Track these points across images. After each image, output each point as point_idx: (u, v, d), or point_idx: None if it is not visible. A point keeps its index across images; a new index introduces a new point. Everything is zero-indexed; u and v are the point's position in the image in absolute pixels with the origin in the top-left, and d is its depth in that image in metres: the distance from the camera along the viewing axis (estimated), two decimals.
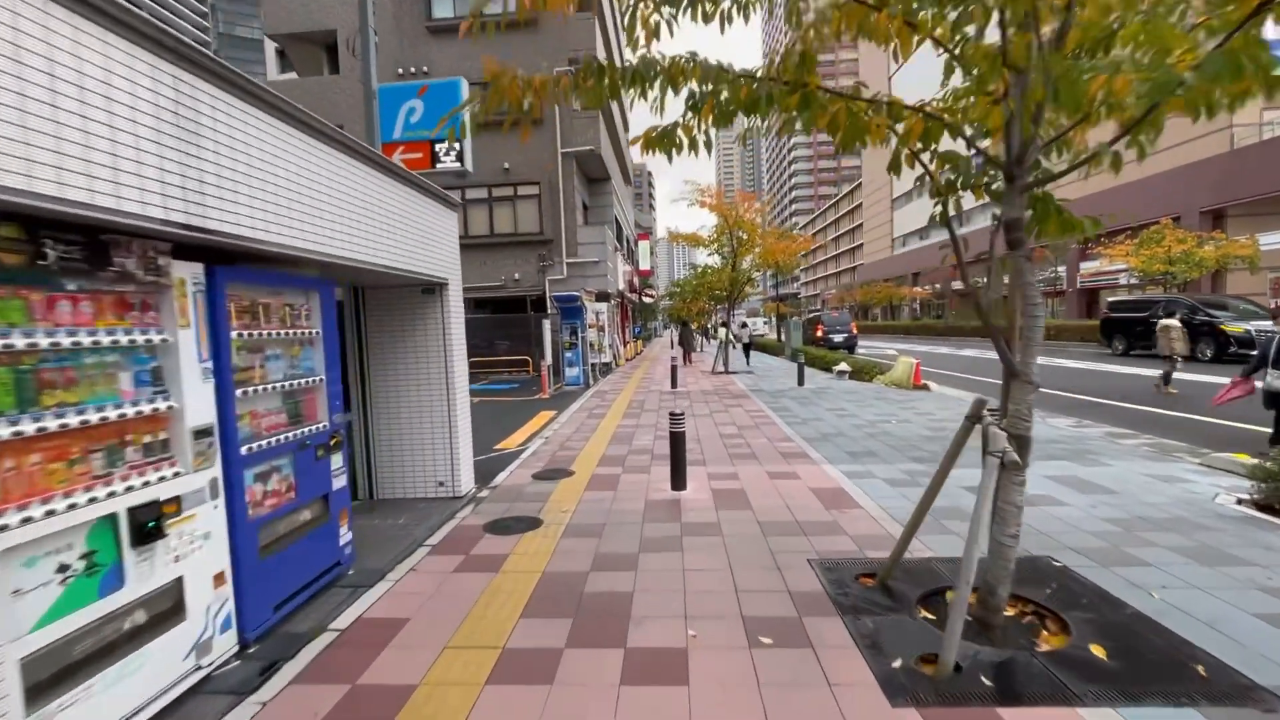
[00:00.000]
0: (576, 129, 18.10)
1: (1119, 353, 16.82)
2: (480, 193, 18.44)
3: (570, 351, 13.55)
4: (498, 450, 7.51)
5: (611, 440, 7.65)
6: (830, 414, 9.13)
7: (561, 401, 11.68)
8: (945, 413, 8.93)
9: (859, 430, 7.79)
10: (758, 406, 10.11)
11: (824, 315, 24.74)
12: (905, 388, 12.00)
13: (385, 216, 4.18)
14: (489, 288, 18.69)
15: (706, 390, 12.65)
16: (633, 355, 25.88)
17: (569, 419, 9.52)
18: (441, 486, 5.28)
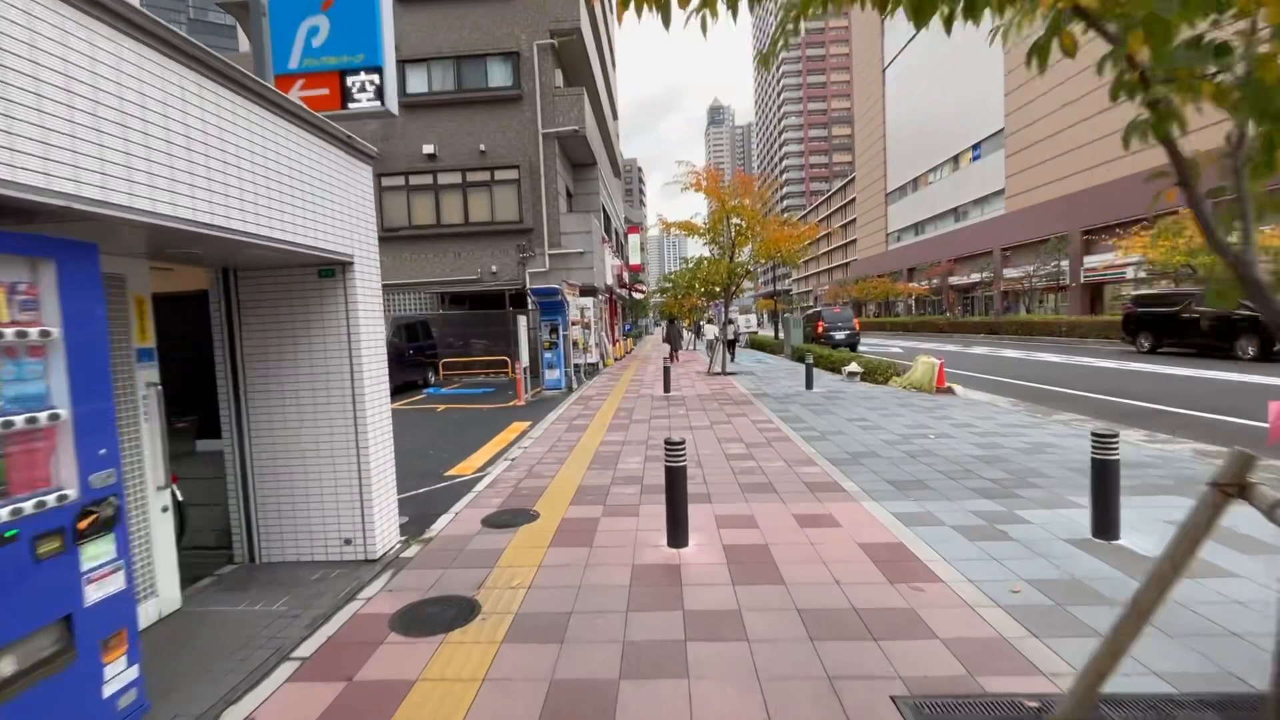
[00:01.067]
0: (559, 108, 16.59)
1: (1145, 350, 15.61)
2: (454, 177, 16.89)
3: (550, 352, 12.09)
4: (450, 478, 6.03)
5: (592, 463, 6.21)
6: (852, 425, 7.74)
7: (538, 410, 10.21)
8: (987, 424, 7.57)
9: (892, 448, 6.40)
10: (764, 416, 8.70)
11: (825, 311, 23.44)
12: (927, 391, 10.66)
13: (251, 162, 2.72)
14: (464, 282, 17.16)
15: (704, 395, 11.24)
16: (622, 354, 24.44)
17: (544, 433, 8.06)
18: (349, 546, 3.82)
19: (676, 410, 9.50)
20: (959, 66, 45.01)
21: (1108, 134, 30.48)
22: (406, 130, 16.94)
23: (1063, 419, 7.93)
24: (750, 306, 72.91)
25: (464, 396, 12.55)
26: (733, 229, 13.98)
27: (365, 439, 3.79)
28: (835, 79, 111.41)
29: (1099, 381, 11.50)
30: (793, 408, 9.33)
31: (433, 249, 17.19)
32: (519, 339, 11.06)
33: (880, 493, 4.84)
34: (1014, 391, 10.74)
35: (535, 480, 5.64)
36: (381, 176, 16.85)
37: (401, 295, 17.55)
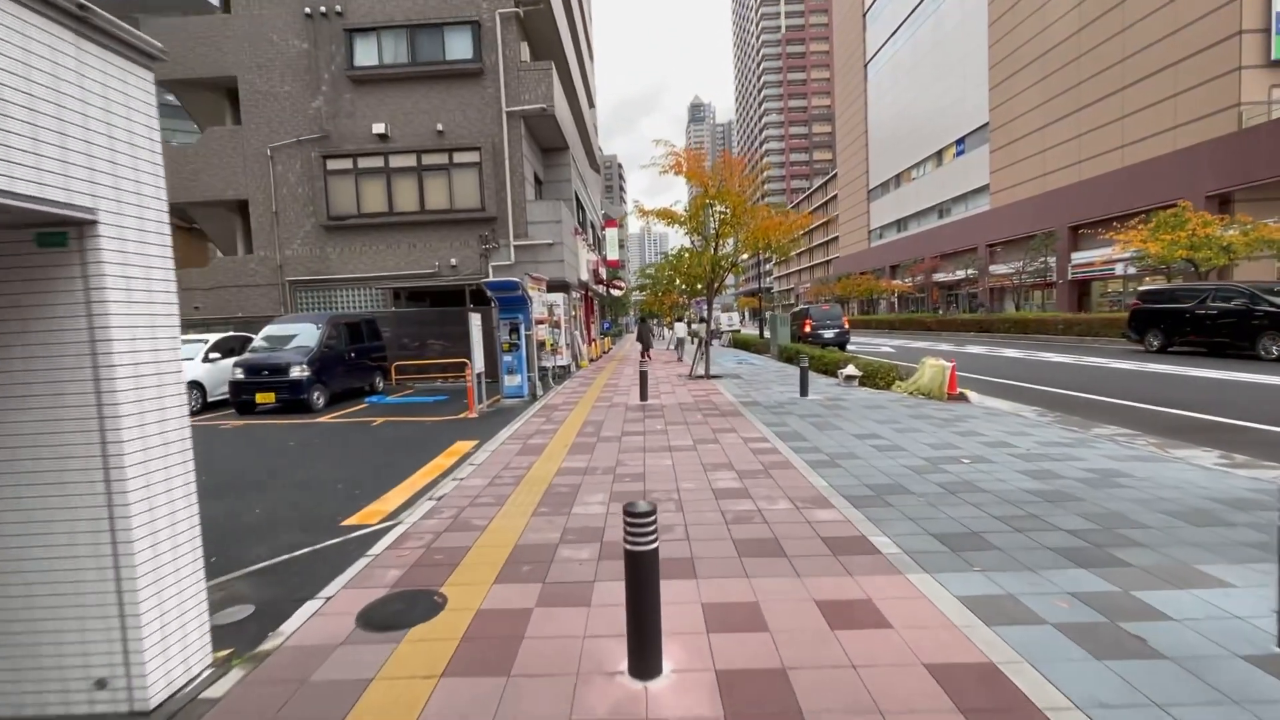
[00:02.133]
0: (525, 85, 15.05)
1: (1154, 349, 14.62)
2: (407, 160, 15.25)
3: (510, 355, 10.57)
4: (347, 530, 4.53)
5: (540, 505, 4.75)
6: (864, 445, 6.40)
7: (491, 424, 8.71)
8: (1023, 441, 6.29)
9: (923, 479, 5.06)
10: (757, 431, 7.33)
11: (812, 309, 22.24)
12: (938, 399, 9.40)
13: None
14: (420, 276, 15.54)
15: (685, 404, 9.84)
16: (599, 355, 22.98)
17: (490, 456, 6.58)
18: (102, 689, 2.32)
19: (653, 424, 8.08)
20: (942, 61, 44.31)
21: (1092, 129, 29.84)
22: (354, 107, 15.25)
23: (1105, 432, 6.71)
24: (732, 304, 71.93)
25: (411, 406, 10.97)
26: (716, 218, 12.59)
27: (125, 504, 2.28)
28: (816, 76, 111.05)
29: (1122, 385, 10.37)
30: (789, 420, 7.97)
31: (384, 240, 15.53)
32: (472, 340, 9.53)
33: (929, 556, 3.48)
34: (1031, 397, 9.54)
35: (458, 535, 4.17)
36: (326, 159, 15.18)
37: (350, 291, 15.85)
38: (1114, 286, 29.00)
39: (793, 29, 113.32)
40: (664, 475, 5.49)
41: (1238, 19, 22.29)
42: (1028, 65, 34.17)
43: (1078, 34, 30.36)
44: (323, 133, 15.29)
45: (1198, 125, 24.00)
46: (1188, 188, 22.69)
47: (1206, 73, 23.61)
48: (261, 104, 15.53)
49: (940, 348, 21.07)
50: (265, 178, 15.62)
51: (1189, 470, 5.07)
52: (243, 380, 10.34)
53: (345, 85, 15.25)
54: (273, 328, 11.57)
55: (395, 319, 15.19)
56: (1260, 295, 12.18)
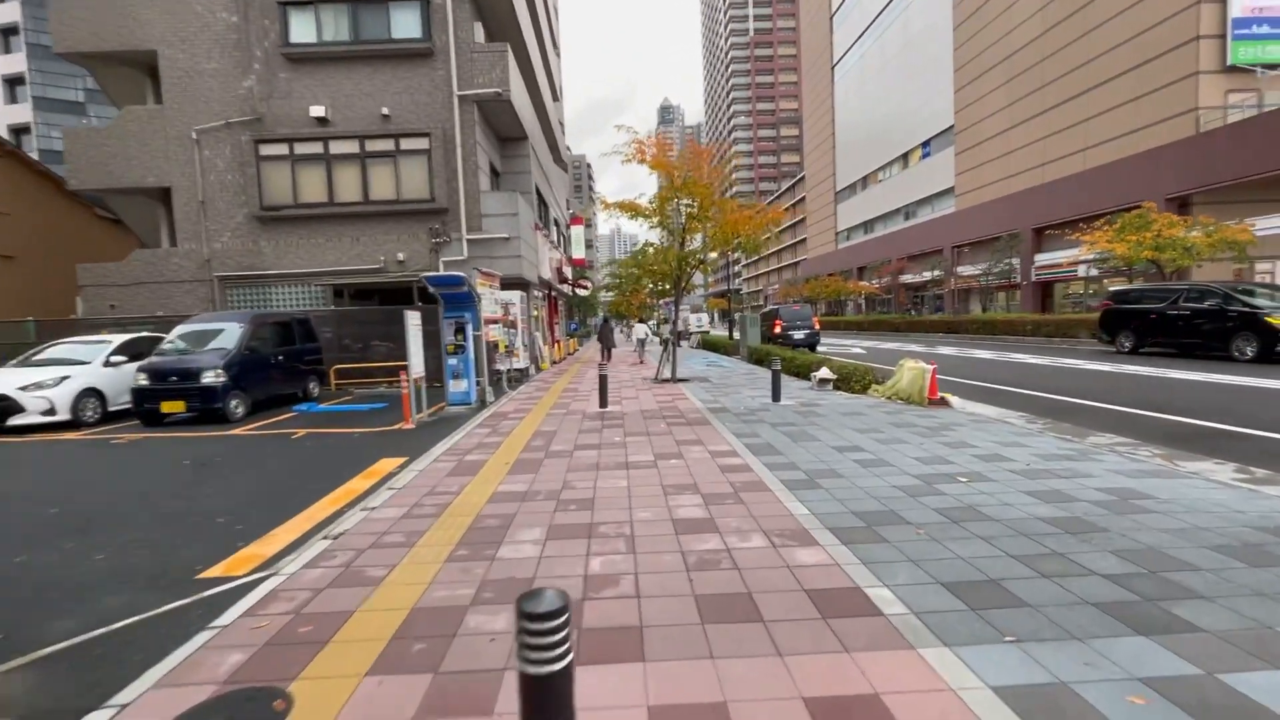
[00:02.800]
0: (478, 67, 14.03)
1: (1126, 350, 14.43)
2: (349, 146, 14.06)
3: (455, 357, 9.57)
4: (205, 584, 3.53)
5: (459, 547, 3.84)
6: (845, 460, 5.65)
7: (428, 436, 7.72)
8: (1019, 453, 5.64)
9: (918, 504, 4.32)
10: (726, 443, 6.53)
11: (782, 310, 21.71)
12: (918, 404, 8.78)
13: None
14: (363, 272, 14.36)
15: (648, 410, 9.00)
16: (562, 357, 22.00)
17: (416, 477, 5.61)
18: None
19: (612, 435, 7.22)
20: (908, 64, 44.67)
21: (1056, 131, 30.20)
22: (290, 88, 13.99)
23: (1103, 441, 6.14)
24: (701, 305, 71.65)
25: (343, 415, 9.87)
26: (683, 212, 11.80)
27: None
28: (784, 79, 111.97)
29: (1103, 388, 9.95)
30: (761, 430, 7.21)
31: (325, 232, 14.30)
32: (409, 341, 8.51)
33: (945, 619, 2.70)
34: (1015, 402, 9.01)
35: (343, 594, 3.23)
36: (259, 143, 13.89)
37: (286, 288, 14.56)
38: (1076, 288, 29.38)
39: (761, 32, 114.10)
40: (617, 501, 4.63)
41: (1195, 25, 22.65)
42: (992, 68, 34.52)
43: (1041, 38, 30.71)
44: (255, 115, 13.98)
45: (1157, 129, 24.36)
46: (1148, 190, 22.95)
47: (1165, 77, 23.97)
48: (185, 82, 14.13)
49: (910, 349, 20.76)
50: (190, 163, 14.21)
51: (1212, 489, 4.45)
52: (147, 387, 9.09)
53: (280, 64, 13.97)
54: (187, 327, 10.31)
55: (336, 318, 13.97)
56: (1233, 295, 12.01)
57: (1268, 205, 20.40)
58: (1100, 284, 27.49)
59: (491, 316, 11.24)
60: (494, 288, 11.62)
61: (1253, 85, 22.59)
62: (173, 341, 9.99)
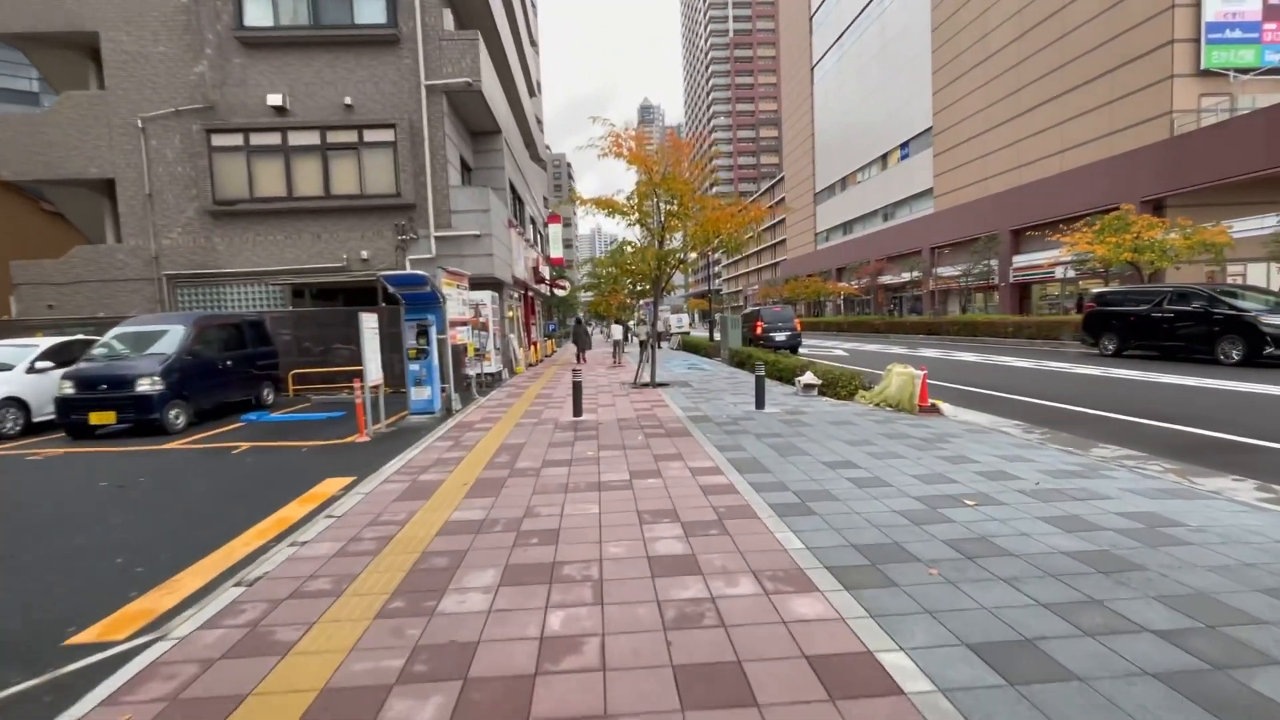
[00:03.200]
0: (447, 56, 13.33)
1: (1110, 353, 14.29)
2: (310, 137, 13.26)
3: (418, 362, 8.89)
4: (64, 655, 2.86)
5: (394, 598, 3.23)
6: (839, 479, 5.16)
7: (382, 450, 7.05)
8: (1023, 469, 5.21)
9: (926, 535, 3.84)
10: (708, 459, 6.00)
11: (764, 311, 21.32)
12: (907, 411, 8.37)
13: None
14: (325, 270, 13.56)
15: (625, 419, 8.44)
16: (539, 359, 21.33)
17: (360, 502, 4.98)
18: None
19: (584, 448, 6.65)
20: (887, 66, 44.81)
21: (1032, 134, 30.39)
22: (246, 75, 13.14)
23: (1108, 454, 5.77)
24: (682, 306, 71.32)
25: (295, 426, 9.13)
26: (662, 210, 11.27)
27: None
28: (763, 80, 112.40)
29: (1094, 393, 9.66)
30: (745, 442, 6.70)
31: (283, 229, 13.47)
32: (364, 345, 7.82)
33: (978, 698, 2.19)
34: (1007, 408, 8.66)
35: (239, 667, 2.61)
36: (211, 133, 13.02)
37: (241, 288, 13.69)
38: (1052, 289, 29.58)
39: (740, 33, 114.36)
40: (586, 532, 4.06)
41: (1170, 28, 22.84)
42: (970, 70, 34.67)
43: (1018, 40, 30.87)
44: (207, 103, 13.09)
45: (1133, 132, 24.54)
46: (1124, 193, 23.07)
47: (1141, 81, 24.16)
48: (131, 66, 13.18)
49: (893, 351, 20.53)
50: (136, 153, 13.27)
51: (1242, 513, 4.04)
52: (73, 396, 8.25)
53: (234, 48, 13.10)
54: (123, 329, 9.46)
55: (294, 320, 13.14)
56: (1218, 298, 11.88)
57: (1239, 208, 20.60)
58: (1076, 286, 27.71)
59: (459, 318, 10.57)
60: (462, 288, 10.95)
61: (1225, 89, 22.85)
62: (106, 345, 9.14)
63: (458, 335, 10.26)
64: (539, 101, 37.21)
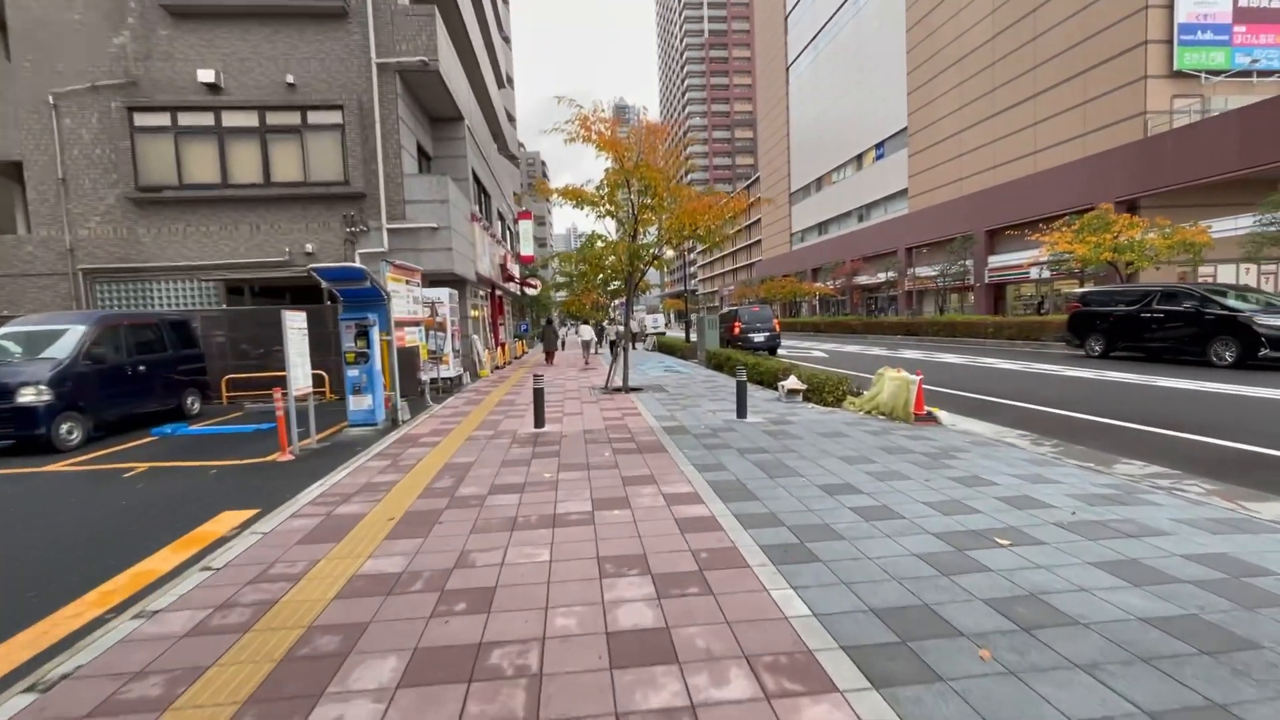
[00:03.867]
0: (401, 31, 12.24)
1: (1096, 354, 13.89)
2: (247, 118, 12.04)
3: (356, 368, 7.85)
4: None
5: (247, 711, 2.28)
6: (838, 507, 4.35)
7: (305, 472, 6.03)
8: (1050, 490, 4.48)
9: (957, 587, 3.04)
10: (686, 482, 5.14)
11: (741, 310, 20.62)
12: (901, 419, 7.64)
13: None
14: (264, 265, 12.34)
15: (592, 431, 7.54)
16: (506, 362, 20.25)
17: (253, 546, 3.98)
18: None
19: (543, 467, 5.72)
20: (862, 66, 44.73)
21: (1007, 134, 30.38)
22: (173, 48, 11.86)
23: (1135, 471, 5.14)
24: (657, 306, 70.63)
25: (215, 441, 7.99)
26: (636, 201, 10.40)
27: None
28: (739, 81, 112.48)
29: (1093, 398, 9.09)
30: (727, 459, 5.86)
31: (218, 219, 12.22)
32: (288, 348, 6.76)
33: None
34: (1005, 416, 8.01)
35: None
36: (134, 111, 11.71)
37: (170, 284, 12.40)
38: (1026, 290, 29.58)
39: (715, 33, 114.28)
40: (529, 592, 3.16)
41: (1144, 29, 22.85)
42: (944, 70, 34.62)
43: (992, 41, 30.84)
44: (129, 78, 11.77)
45: (1106, 132, 24.55)
46: (1098, 193, 23.02)
47: (1114, 81, 24.17)
48: (40, 35, 11.79)
49: (873, 352, 20.01)
50: (47, 134, 11.87)
51: None
52: None
53: (160, 18, 11.81)
54: (11, 329, 8.18)
55: (229, 320, 11.90)
56: (1210, 298, 11.50)
57: (1211, 209, 20.63)
58: (1051, 286, 27.72)
59: (409, 318, 9.53)
60: (413, 284, 9.91)
61: (1197, 91, 22.96)
62: None
63: (406, 337, 9.23)
64: (511, 96, 36.05)
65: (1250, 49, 23.20)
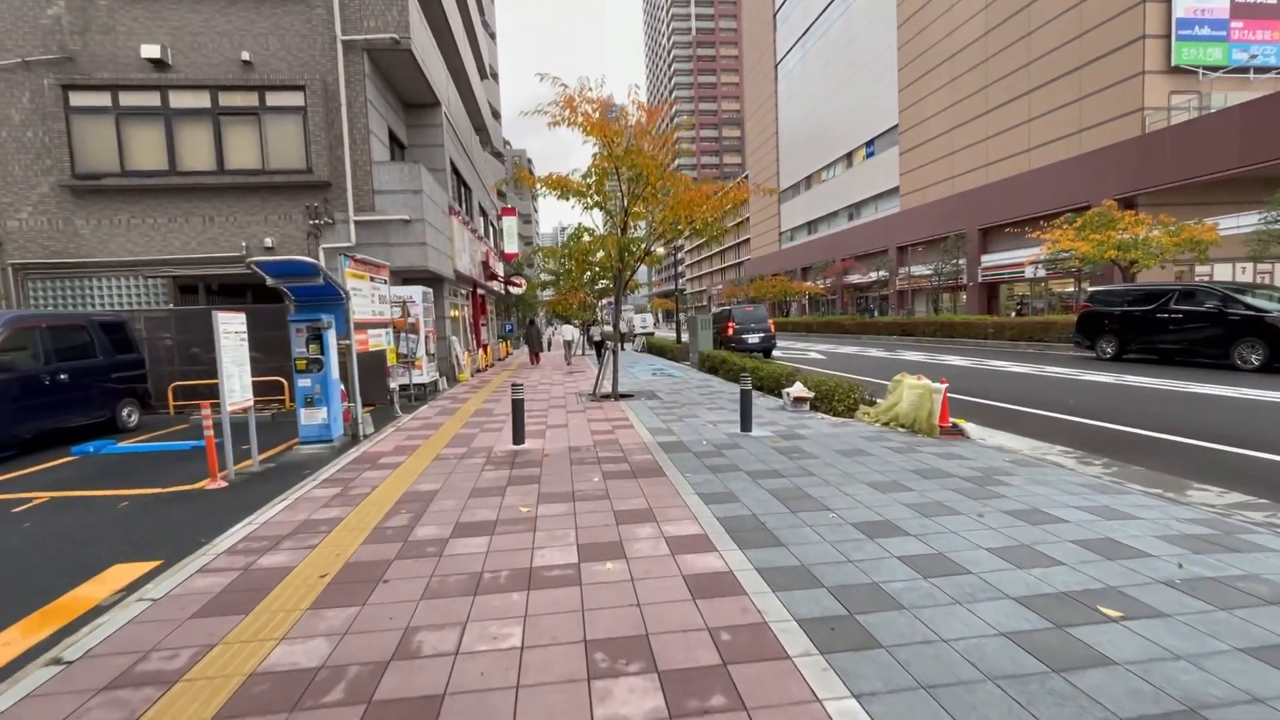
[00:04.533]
0: (369, 6, 11.23)
1: (1108, 356, 13.26)
2: (197, 99, 10.96)
3: (308, 377, 6.88)
4: None
5: None
6: (883, 555, 3.51)
7: (235, 504, 5.06)
8: (1132, 531, 3.68)
9: (1076, 691, 2.19)
10: (691, 517, 4.27)
11: (735, 310, 19.81)
12: (924, 433, 6.84)
13: None
14: (219, 261, 11.27)
15: (579, 448, 6.64)
16: (489, 363, 19.26)
17: (128, 626, 3.03)
18: None
19: (518, 499, 4.82)
20: (852, 63, 44.20)
21: (1000, 131, 29.92)
22: (114, 20, 10.75)
23: (1214, 500, 4.44)
24: (645, 305, 69.80)
25: (143, 461, 6.96)
26: (626, 191, 9.51)
27: None
28: (726, 80, 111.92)
29: (1123, 406, 8.36)
30: (738, 485, 4.99)
31: (166, 210, 11.13)
32: (220, 355, 5.77)
33: None
34: (1034, 427, 7.25)
35: None
36: (70, 90, 10.59)
37: (113, 282, 11.28)
38: (1020, 289, 29.14)
39: (703, 32, 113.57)
40: (489, 705, 2.26)
41: (1140, 24, 22.40)
42: (936, 67, 34.13)
43: (985, 37, 30.36)
44: (64, 53, 10.64)
45: (1102, 129, 24.10)
46: (1093, 191, 22.56)
47: (1111, 77, 23.72)
48: None
49: (871, 353, 19.31)
50: None
51: None
52: None
53: None
54: None
55: (178, 321, 10.81)
56: (1234, 297, 10.88)
57: (1209, 208, 20.20)
58: (1045, 286, 27.28)
59: (374, 319, 8.55)
60: (379, 280, 8.93)
61: (1195, 87, 22.57)
62: None
63: (369, 341, 8.25)
64: (496, 92, 34.97)
65: (1247, 45, 22.88)
